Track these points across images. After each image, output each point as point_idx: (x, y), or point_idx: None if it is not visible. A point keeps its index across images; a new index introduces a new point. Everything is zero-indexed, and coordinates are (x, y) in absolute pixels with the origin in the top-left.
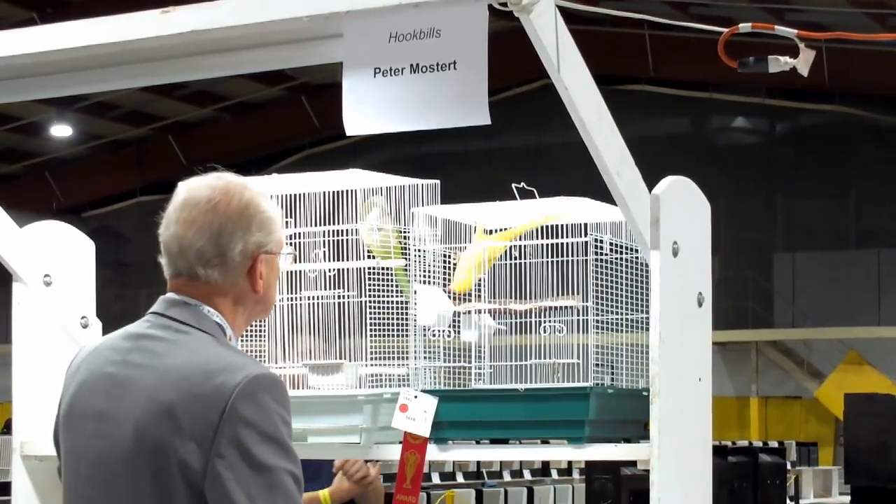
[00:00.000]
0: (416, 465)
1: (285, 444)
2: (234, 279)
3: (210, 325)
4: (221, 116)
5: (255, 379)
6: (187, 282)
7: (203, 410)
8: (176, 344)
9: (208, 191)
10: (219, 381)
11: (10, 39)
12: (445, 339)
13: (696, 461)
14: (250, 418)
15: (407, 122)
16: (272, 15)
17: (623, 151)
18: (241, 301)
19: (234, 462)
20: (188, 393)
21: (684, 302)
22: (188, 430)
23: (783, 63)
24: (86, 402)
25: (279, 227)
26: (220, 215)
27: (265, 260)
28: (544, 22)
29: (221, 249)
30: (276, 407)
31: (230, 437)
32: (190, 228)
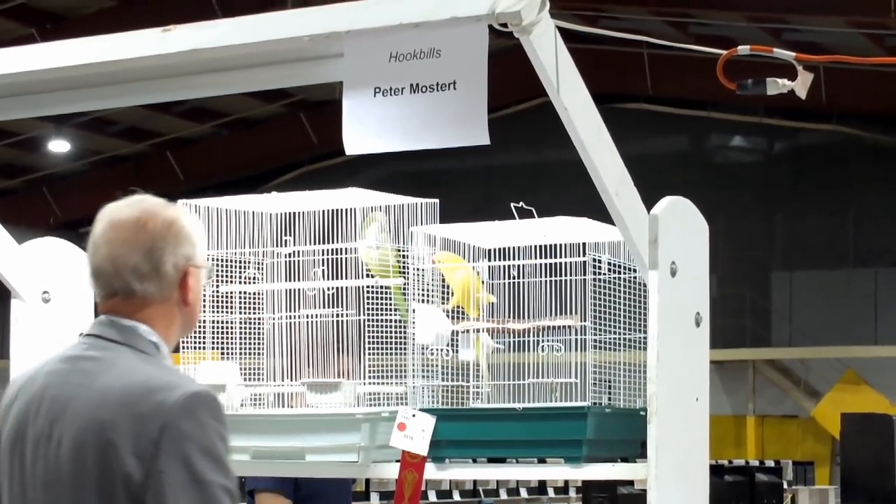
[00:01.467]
0: (414, 483)
1: (222, 460)
2: (168, 292)
3: (146, 345)
4: (219, 133)
5: (194, 396)
6: (123, 301)
7: (143, 427)
8: (113, 364)
9: (134, 211)
10: (158, 398)
11: (11, 57)
12: (444, 358)
13: (694, 481)
14: (189, 434)
15: (407, 141)
16: (273, 34)
17: (622, 172)
18: (173, 316)
19: (173, 476)
20: (128, 411)
21: (682, 322)
22: (129, 447)
23: (781, 85)
24: (28, 427)
25: (202, 241)
26: (149, 232)
27: (193, 273)
28: (544, 43)
29: (155, 264)
30: (213, 423)
31: (169, 451)
32: (123, 247)
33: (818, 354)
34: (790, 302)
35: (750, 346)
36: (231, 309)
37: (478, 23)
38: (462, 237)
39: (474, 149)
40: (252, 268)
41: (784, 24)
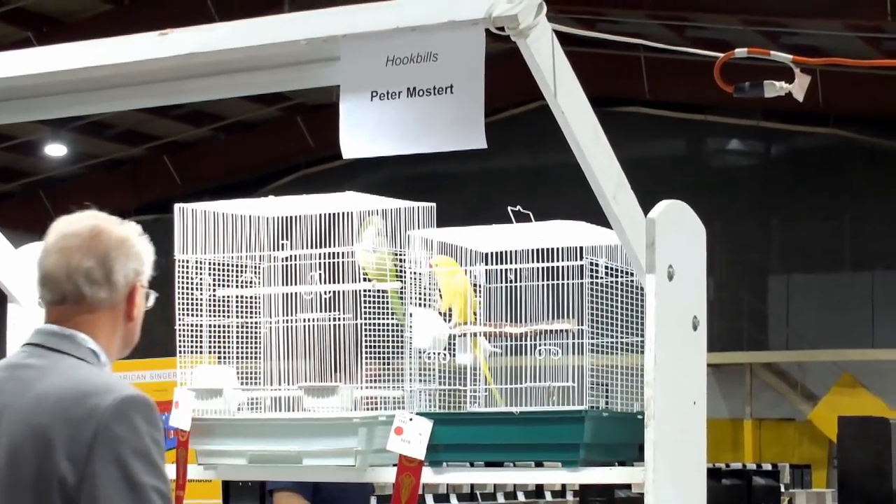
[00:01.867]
0: (411, 487)
1: (155, 463)
2: (116, 301)
3: (84, 352)
4: (217, 136)
5: (127, 399)
6: (70, 307)
7: (77, 431)
8: (50, 370)
9: (89, 222)
10: (92, 402)
11: (7, 60)
12: (441, 362)
13: (691, 484)
14: (122, 437)
15: (404, 145)
16: (270, 38)
17: (619, 175)
18: (116, 327)
19: (106, 479)
20: (63, 415)
21: (679, 325)
22: (64, 450)
23: (779, 88)
24: None
25: (150, 264)
26: (104, 241)
27: (140, 290)
28: (541, 46)
29: (107, 271)
30: (146, 427)
31: (102, 454)
32: (76, 253)
33: (815, 358)
34: (787, 305)
35: (747, 349)
36: (228, 313)
37: (475, 26)
38: (459, 241)
39: (471, 152)
40: (249, 272)
41: (781, 28)
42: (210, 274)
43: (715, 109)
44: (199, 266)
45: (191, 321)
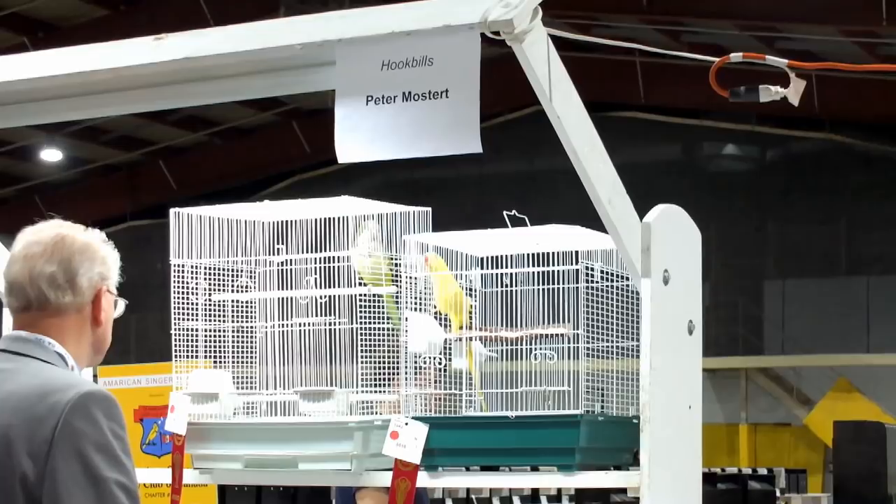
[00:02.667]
0: (407, 491)
1: (117, 456)
2: (81, 305)
3: (50, 355)
4: (212, 141)
5: (87, 395)
6: (35, 313)
7: (38, 428)
8: (16, 372)
9: (53, 230)
10: (53, 399)
11: (3, 65)
12: (436, 368)
13: (687, 489)
14: (82, 431)
15: (399, 150)
16: (265, 43)
17: (614, 180)
18: (83, 333)
19: (67, 473)
20: (25, 413)
21: (675, 330)
22: (25, 448)
23: (774, 93)
24: None
25: (116, 270)
26: (67, 247)
27: (106, 295)
28: (537, 51)
29: (70, 275)
30: (107, 421)
31: (62, 449)
32: (40, 259)
33: (810, 363)
34: (782, 310)
35: (742, 354)
36: (224, 317)
37: (470, 31)
38: (455, 245)
39: (467, 157)
40: (245, 276)
41: (776, 33)
42: (206, 278)
43: (710, 114)
44: (194, 270)
45: (187, 325)
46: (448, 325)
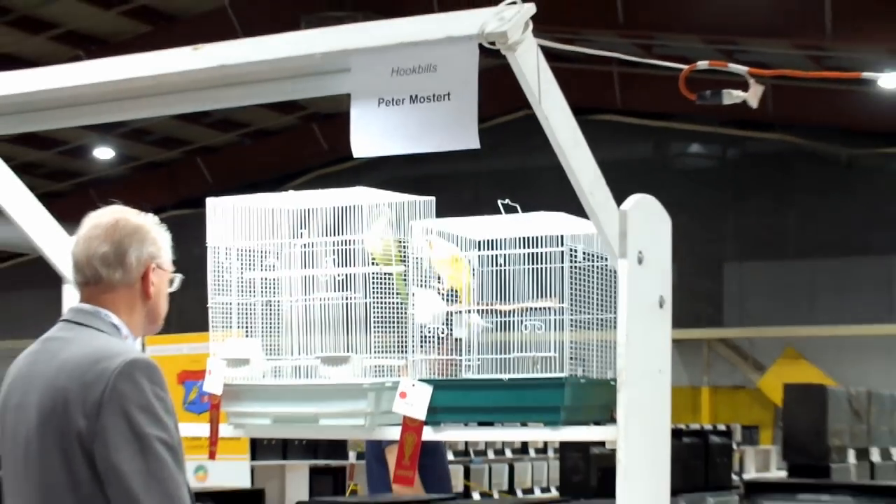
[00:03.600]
0: (414, 444)
1: (157, 415)
2: (130, 281)
3: (105, 325)
4: (242, 141)
5: (131, 362)
6: (93, 288)
7: (90, 391)
8: (72, 341)
9: (110, 215)
10: (102, 366)
11: (62, 74)
12: (439, 336)
13: (657, 442)
14: (127, 393)
15: (407, 146)
16: (289, 52)
17: (595, 173)
18: (135, 306)
19: (114, 430)
20: (79, 378)
21: (647, 304)
22: (80, 408)
23: (735, 97)
24: (10, 399)
25: (167, 249)
26: (120, 229)
27: (156, 270)
28: (527, 59)
29: (121, 255)
30: (149, 385)
31: (110, 409)
32: (96, 240)
33: (763, 334)
34: (740, 288)
35: (705, 326)
36: (253, 293)
37: (469, 41)
38: (455, 230)
39: (465, 153)
40: (272, 257)
41: (736, 46)
42: (238, 259)
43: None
44: (228, 252)
45: (221, 300)
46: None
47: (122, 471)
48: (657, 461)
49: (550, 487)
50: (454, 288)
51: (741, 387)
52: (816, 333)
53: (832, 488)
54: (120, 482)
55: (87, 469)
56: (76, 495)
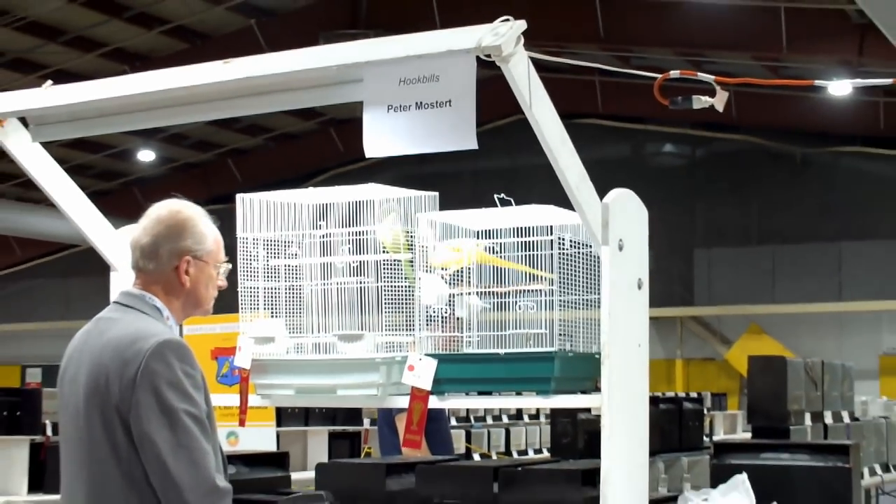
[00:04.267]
0: (421, 411)
1: (186, 391)
2: (163, 271)
3: (149, 308)
4: (268, 144)
5: (163, 343)
6: (137, 274)
7: (127, 368)
8: (118, 321)
9: (162, 209)
10: (138, 346)
11: (110, 86)
12: (443, 315)
13: (637, 408)
14: (158, 371)
15: (413, 147)
16: (308, 64)
17: (581, 170)
18: (173, 291)
19: (147, 404)
20: (118, 356)
21: (627, 286)
22: (118, 384)
23: (704, 102)
24: (68, 372)
25: (211, 242)
26: (160, 224)
27: (192, 262)
28: (519, 69)
29: (155, 248)
30: (178, 363)
31: (142, 385)
32: (141, 232)
33: (730, 312)
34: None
35: (678, 305)
36: (278, 278)
37: (468, 54)
38: (456, 221)
39: (465, 154)
40: (294, 246)
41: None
42: (264, 248)
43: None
44: (255, 242)
45: (250, 285)
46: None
47: (153, 440)
48: (637, 425)
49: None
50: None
51: (711, 359)
52: (776, 311)
53: (791, 447)
54: (151, 450)
55: (125, 437)
56: (117, 459)
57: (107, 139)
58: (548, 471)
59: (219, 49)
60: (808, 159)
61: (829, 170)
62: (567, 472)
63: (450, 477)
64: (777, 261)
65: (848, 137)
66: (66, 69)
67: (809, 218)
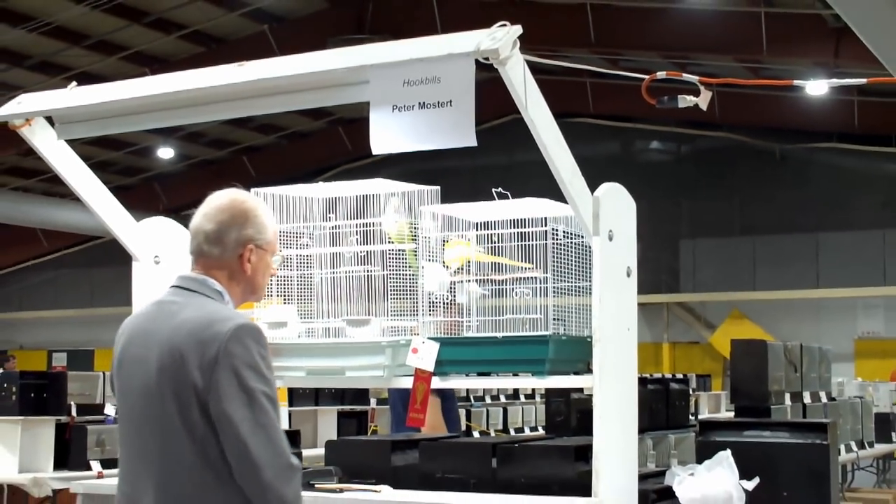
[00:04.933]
0: (424, 391)
1: (262, 373)
2: (227, 257)
3: (212, 292)
4: (280, 142)
5: (241, 327)
6: (199, 258)
7: (205, 350)
8: (186, 305)
9: (224, 198)
10: (216, 329)
11: (131, 88)
12: (445, 301)
13: (626, 389)
14: (237, 354)
15: (416, 144)
16: (318, 67)
17: (573, 166)
18: (234, 277)
19: (226, 384)
20: (195, 338)
21: (617, 274)
22: (196, 364)
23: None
24: (130, 352)
25: (271, 231)
26: (225, 212)
27: (254, 250)
28: (516, 72)
29: (220, 234)
30: (255, 346)
31: (223, 367)
32: (204, 219)
33: (713, 298)
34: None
35: (665, 292)
36: (291, 267)
37: (467, 57)
38: (457, 214)
39: (465, 150)
40: (305, 237)
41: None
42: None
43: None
44: None
45: None
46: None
47: (232, 419)
48: (626, 404)
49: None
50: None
51: (695, 342)
52: (757, 298)
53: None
54: (231, 428)
55: (200, 415)
56: (192, 438)
57: (128, 137)
58: (543, 447)
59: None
60: (786, 155)
61: (807, 165)
62: (561, 449)
63: (451, 453)
64: (758, 250)
65: (824, 134)
66: (89, 71)
67: (788, 210)
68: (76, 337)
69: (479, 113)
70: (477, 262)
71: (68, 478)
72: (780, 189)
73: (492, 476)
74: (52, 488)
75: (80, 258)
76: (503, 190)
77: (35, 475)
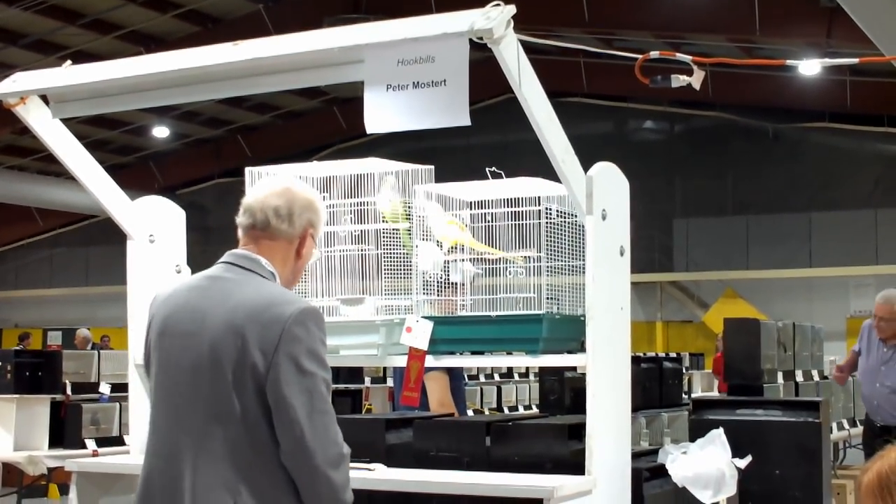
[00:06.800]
0: (418, 370)
1: (322, 359)
2: (292, 236)
3: (266, 272)
4: (275, 121)
5: (304, 311)
6: (258, 232)
7: (266, 331)
8: (243, 284)
9: (286, 180)
10: (278, 310)
11: (126, 66)
12: (439, 280)
13: (619, 367)
14: (299, 337)
15: (411, 123)
16: (313, 46)
17: (566, 145)
18: (287, 260)
19: (286, 368)
20: (256, 318)
21: (610, 253)
22: (256, 344)
23: (682, 80)
24: (175, 325)
25: (322, 225)
26: (293, 192)
27: (311, 235)
28: (510, 52)
29: (290, 212)
30: (317, 332)
31: (285, 350)
32: (271, 194)
33: (706, 277)
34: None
35: (658, 271)
36: None
37: (461, 37)
38: (451, 193)
39: (459, 130)
40: None
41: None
42: None
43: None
44: None
45: None
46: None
47: (289, 403)
48: (620, 383)
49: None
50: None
51: (689, 321)
52: (750, 276)
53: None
54: (287, 411)
55: (255, 396)
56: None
57: (123, 116)
58: (536, 425)
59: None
60: (779, 134)
61: (800, 144)
62: (554, 427)
63: (445, 431)
64: (751, 229)
65: (817, 114)
66: (84, 50)
67: (781, 189)
68: (71, 315)
69: (473, 92)
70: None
71: (63, 456)
72: (773, 168)
73: (486, 454)
74: (47, 466)
75: (75, 237)
76: (497, 169)
77: (30, 453)
